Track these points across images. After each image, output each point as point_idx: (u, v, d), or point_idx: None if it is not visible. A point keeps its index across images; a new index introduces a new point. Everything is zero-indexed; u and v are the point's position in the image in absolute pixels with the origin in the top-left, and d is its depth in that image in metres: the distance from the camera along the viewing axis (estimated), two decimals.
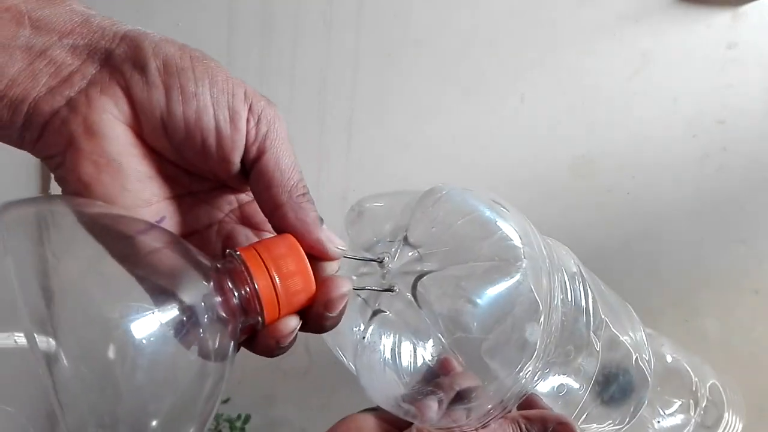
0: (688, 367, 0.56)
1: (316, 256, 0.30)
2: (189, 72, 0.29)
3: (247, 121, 0.30)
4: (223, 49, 0.85)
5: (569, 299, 0.39)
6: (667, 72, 0.88)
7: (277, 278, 0.28)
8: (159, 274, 0.26)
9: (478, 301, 0.34)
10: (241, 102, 0.29)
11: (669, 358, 0.56)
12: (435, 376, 0.36)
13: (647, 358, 0.46)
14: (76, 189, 0.28)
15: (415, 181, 0.90)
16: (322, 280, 0.29)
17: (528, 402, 0.39)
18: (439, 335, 0.34)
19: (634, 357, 0.45)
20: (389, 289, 0.35)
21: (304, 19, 0.84)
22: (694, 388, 0.55)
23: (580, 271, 0.42)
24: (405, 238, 0.36)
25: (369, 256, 0.36)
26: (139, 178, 0.29)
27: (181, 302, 0.25)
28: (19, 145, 0.29)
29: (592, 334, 0.41)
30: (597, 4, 0.85)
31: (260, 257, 0.28)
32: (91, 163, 0.28)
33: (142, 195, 0.30)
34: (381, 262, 0.35)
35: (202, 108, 0.29)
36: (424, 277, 0.35)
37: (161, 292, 0.25)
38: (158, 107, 0.29)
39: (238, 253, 0.28)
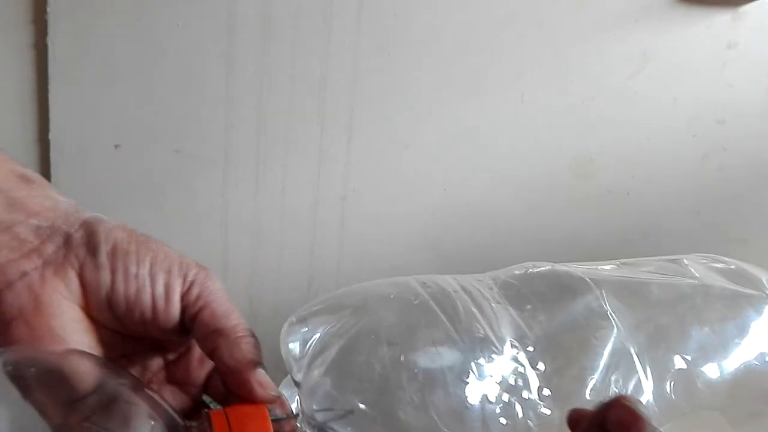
0: None
1: (244, 397, 0.33)
2: (133, 255, 0.34)
3: (182, 290, 0.34)
4: (223, 49, 0.85)
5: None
6: (667, 72, 0.88)
7: None
8: (131, 429, 0.29)
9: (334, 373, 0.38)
10: (176, 276, 0.34)
11: None
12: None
13: None
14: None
15: (415, 181, 0.90)
16: None
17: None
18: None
19: None
20: (295, 415, 0.37)
21: (304, 19, 0.84)
22: None
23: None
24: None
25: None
26: (79, 348, 0.33)
27: None
28: None
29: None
30: (597, 4, 0.85)
31: (228, 422, 0.31)
32: (35, 336, 0.32)
33: None
34: (297, 415, 0.37)
35: (141, 287, 0.33)
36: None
37: None
38: (104, 287, 0.33)
39: (208, 414, 0.31)
